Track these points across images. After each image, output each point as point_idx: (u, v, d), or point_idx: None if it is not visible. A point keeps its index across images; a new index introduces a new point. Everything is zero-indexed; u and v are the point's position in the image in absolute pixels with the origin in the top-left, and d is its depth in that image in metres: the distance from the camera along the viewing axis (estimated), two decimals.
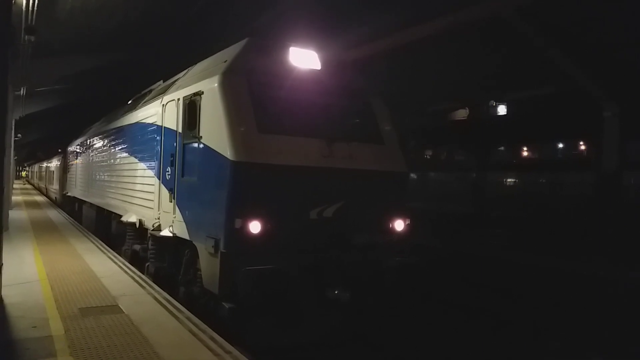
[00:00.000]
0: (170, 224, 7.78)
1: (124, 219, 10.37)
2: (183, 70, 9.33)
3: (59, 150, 30.37)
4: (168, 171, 8.09)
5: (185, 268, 7.50)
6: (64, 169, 24.51)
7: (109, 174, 13.07)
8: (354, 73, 8.13)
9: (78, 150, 20.00)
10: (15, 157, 35.64)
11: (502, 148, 27.55)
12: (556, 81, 18.63)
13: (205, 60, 8.36)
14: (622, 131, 15.01)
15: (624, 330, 8.64)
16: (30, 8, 9.50)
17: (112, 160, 12.93)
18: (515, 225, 18.19)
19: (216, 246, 6.17)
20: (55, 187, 29.63)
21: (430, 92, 23.29)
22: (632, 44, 14.06)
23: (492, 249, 15.48)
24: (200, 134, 6.94)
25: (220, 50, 7.86)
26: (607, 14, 13.35)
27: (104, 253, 11.00)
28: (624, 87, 14.90)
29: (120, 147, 12.06)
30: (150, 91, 11.12)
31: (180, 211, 7.53)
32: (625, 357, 7.91)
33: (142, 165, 9.84)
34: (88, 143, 17.38)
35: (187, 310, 6.60)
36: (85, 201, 17.12)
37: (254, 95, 6.68)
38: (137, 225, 9.52)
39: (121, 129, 12.02)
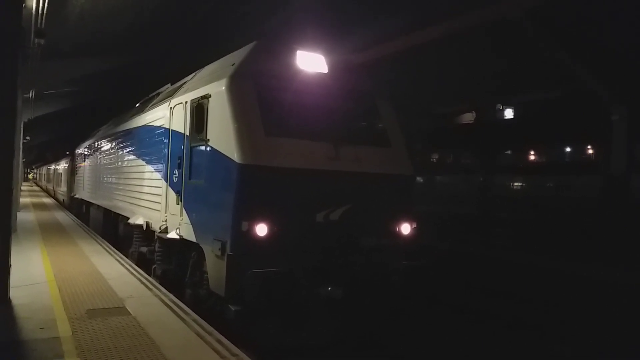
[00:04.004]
0: (177, 226, 7.80)
1: (131, 221, 10.41)
2: (191, 73, 9.37)
3: (67, 152, 30.57)
4: (175, 174, 8.11)
5: (191, 270, 7.52)
6: (72, 171, 24.65)
7: (116, 176, 13.13)
8: (361, 76, 8.14)
9: (86, 152, 20.10)
10: (24, 159, 35.88)
11: (508, 151, 27.43)
12: (563, 84, 18.55)
13: (213, 63, 8.39)
14: (630, 134, 14.91)
15: (633, 333, 8.55)
16: (40, 11, 9.57)
17: (119, 163, 12.99)
18: (521, 227, 18.11)
19: (223, 249, 6.18)
20: (63, 189, 29.78)
21: (437, 95, 23.25)
22: None
23: (497, 250, 15.40)
24: (208, 137, 6.96)
25: (228, 53, 7.89)
26: (614, 15, 13.28)
27: (111, 255, 11.05)
28: (633, 90, 14.79)
29: (127, 150, 12.12)
30: (158, 94, 11.16)
31: (187, 213, 7.55)
32: None
33: (149, 167, 9.88)
34: (96, 145, 17.48)
35: (194, 312, 6.61)
36: (92, 203, 17.21)
37: (261, 99, 6.71)
38: (144, 227, 9.56)
39: (129, 131, 12.08)
